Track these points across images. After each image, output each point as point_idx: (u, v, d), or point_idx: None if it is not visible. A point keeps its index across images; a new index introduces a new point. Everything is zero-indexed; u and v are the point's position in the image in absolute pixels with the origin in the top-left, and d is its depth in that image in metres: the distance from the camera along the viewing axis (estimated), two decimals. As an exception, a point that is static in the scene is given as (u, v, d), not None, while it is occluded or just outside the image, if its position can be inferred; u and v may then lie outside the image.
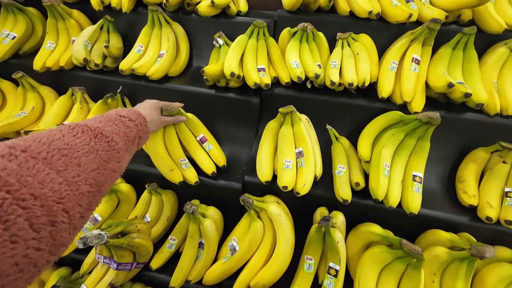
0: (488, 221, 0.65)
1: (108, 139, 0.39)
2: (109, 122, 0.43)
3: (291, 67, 0.77)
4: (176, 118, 0.71)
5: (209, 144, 0.78)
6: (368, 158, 0.72)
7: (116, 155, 0.39)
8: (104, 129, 0.40)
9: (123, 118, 0.46)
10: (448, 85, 0.67)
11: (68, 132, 0.35)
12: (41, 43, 0.96)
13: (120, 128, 0.44)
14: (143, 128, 0.51)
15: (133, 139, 0.46)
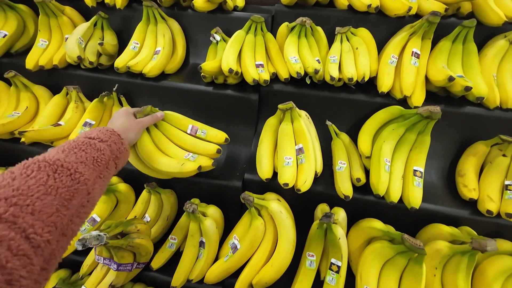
0: (489, 214, 0.65)
1: (70, 172, 0.35)
2: (75, 149, 0.39)
3: (290, 63, 0.76)
4: (154, 116, 0.64)
5: (203, 130, 0.72)
6: (369, 154, 0.72)
7: (82, 188, 0.35)
8: (66, 161, 0.36)
9: (92, 141, 0.43)
10: (449, 79, 0.66)
11: (21, 174, 0.31)
12: (33, 41, 0.93)
13: (88, 154, 0.40)
14: (118, 147, 0.47)
15: (107, 163, 0.43)
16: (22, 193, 0.29)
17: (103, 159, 0.42)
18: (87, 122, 0.83)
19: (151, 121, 0.63)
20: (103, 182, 0.42)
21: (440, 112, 0.63)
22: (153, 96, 0.90)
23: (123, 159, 0.49)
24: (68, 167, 0.35)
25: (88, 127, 0.83)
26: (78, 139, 0.42)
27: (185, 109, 0.90)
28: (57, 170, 0.34)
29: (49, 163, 0.34)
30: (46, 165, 0.34)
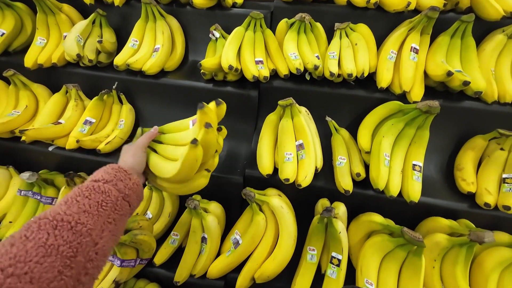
0: (486, 207, 0.66)
1: (71, 225, 0.32)
2: (77, 198, 0.37)
3: (290, 59, 0.76)
4: (147, 134, 0.57)
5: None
6: (368, 149, 0.72)
7: (86, 240, 0.33)
8: (67, 213, 0.34)
9: (96, 184, 0.40)
10: (447, 74, 0.67)
11: (20, 237, 0.29)
12: (31, 40, 0.93)
13: (92, 200, 0.38)
14: (126, 183, 0.43)
15: (114, 204, 0.40)
16: (20, 260, 0.27)
17: (109, 201, 0.39)
18: (87, 120, 0.83)
19: (146, 139, 0.56)
20: (114, 227, 0.39)
21: (439, 107, 0.63)
22: (152, 94, 0.90)
23: (136, 195, 0.45)
24: (68, 219, 0.33)
25: (88, 125, 0.83)
26: (83, 185, 0.40)
27: (185, 106, 0.90)
28: (57, 225, 0.32)
29: (49, 219, 0.32)
30: (46, 222, 0.32)
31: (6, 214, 0.81)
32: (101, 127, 0.87)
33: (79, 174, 0.80)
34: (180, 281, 0.67)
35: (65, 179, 0.76)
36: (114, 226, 0.39)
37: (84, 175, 0.83)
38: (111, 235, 0.38)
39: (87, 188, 0.39)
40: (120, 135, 0.84)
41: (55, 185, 0.84)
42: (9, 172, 0.89)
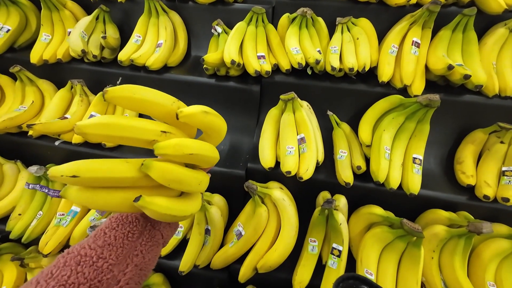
0: (486, 199, 0.67)
1: (93, 260, 0.30)
2: (106, 229, 0.34)
3: (291, 53, 0.77)
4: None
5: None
6: (369, 142, 0.73)
7: (107, 277, 0.30)
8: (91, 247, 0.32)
9: (123, 214, 0.37)
10: (448, 67, 0.67)
11: (46, 275, 0.28)
12: (36, 36, 0.94)
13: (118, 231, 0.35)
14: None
15: (141, 234, 0.36)
16: None
17: (135, 231, 0.35)
18: (92, 115, 0.85)
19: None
20: (141, 260, 0.35)
21: (439, 100, 0.64)
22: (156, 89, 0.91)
23: (168, 224, 0.41)
24: (91, 254, 0.31)
25: (93, 120, 0.84)
26: (114, 215, 0.38)
27: (188, 101, 0.90)
28: (81, 261, 0.30)
29: (75, 253, 0.31)
30: (72, 257, 0.30)
31: (15, 206, 0.84)
32: (106, 122, 0.88)
33: (85, 167, 0.82)
34: (184, 271, 0.69)
35: (71, 172, 0.78)
36: (142, 259, 0.35)
37: (90, 169, 0.84)
38: (137, 270, 0.34)
39: (117, 218, 0.37)
40: (124, 130, 0.85)
41: (61, 178, 0.86)
42: (17, 166, 0.91)
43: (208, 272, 0.73)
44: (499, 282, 0.62)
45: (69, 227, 0.75)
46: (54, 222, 0.76)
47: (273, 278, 0.71)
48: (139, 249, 0.35)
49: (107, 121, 0.33)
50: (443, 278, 0.63)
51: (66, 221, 0.75)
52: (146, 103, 0.37)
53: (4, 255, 0.81)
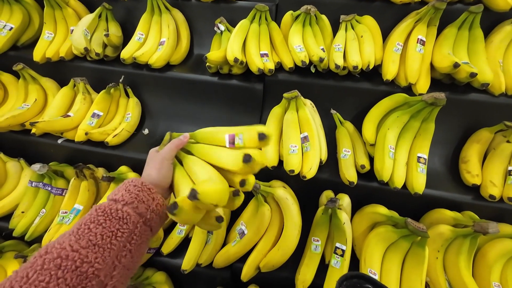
0: (491, 199, 0.66)
1: (76, 264, 0.28)
2: (91, 224, 0.32)
3: (295, 51, 0.76)
4: (174, 142, 0.47)
5: (239, 135, 0.47)
6: (373, 141, 0.73)
7: (92, 284, 0.28)
8: (74, 248, 0.29)
9: (115, 205, 0.35)
10: (454, 65, 0.67)
11: (22, 278, 0.26)
12: (38, 34, 0.94)
13: (106, 228, 0.32)
14: (148, 204, 0.38)
15: (132, 232, 0.34)
16: None
17: (125, 229, 0.33)
18: (95, 113, 0.85)
19: (173, 149, 0.46)
20: (129, 260, 0.33)
21: (445, 99, 0.63)
22: (158, 87, 0.91)
23: (159, 218, 0.39)
24: (74, 257, 0.28)
25: (96, 118, 0.84)
26: (100, 206, 0.35)
27: (191, 99, 0.91)
28: (62, 265, 0.27)
29: (55, 255, 0.28)
30: (51, 259, 0.27)
31: (18, 204, 0.84)
32: (109, 120, 0.89)
33: (88, 166, 0.82)
34: (187, 270, 0.69)
35: (74, 170, 0.78)
36: (130, 258, 0.33)
37: (93, 167, 0.84)
38: (124, 270, 0.32)
39: (104, 211, 0.34)
40: (127, 128, 0.85)
41: (64, 176, 0.86)
42: (20, 164, 0.91)
43: (211, 270, 0.72)
44: (504, 283, 0.61)
45: (72, 225, 0.75)
46: (57, 220, 0.76)
47: (275, 277, 0.70)
48: (128, 248, 0.33)
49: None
50: (447, 278, 0.63)
51: (69, 219, 0.75)
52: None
53: (7, 253, 0.81)
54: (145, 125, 0.93)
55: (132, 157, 0.83)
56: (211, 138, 0.50)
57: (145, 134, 0.91)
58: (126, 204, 0.36)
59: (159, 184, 0.43)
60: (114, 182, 0.75)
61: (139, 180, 0.40)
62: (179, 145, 0.48)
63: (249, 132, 0.46)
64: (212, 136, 0.50)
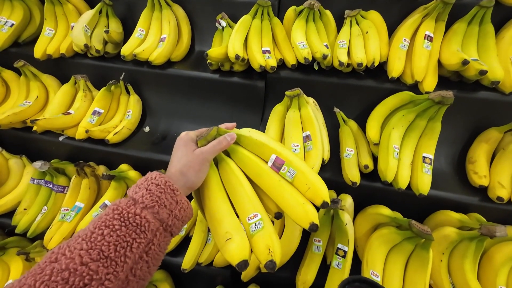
0: (499, 201, 0.65)
1: (84, 282, 0.26)
2: (105, 230, 0.29)
3: (298, 48, 0.74)
4: (220, 141, 0.42)
5: (290, 169, 0.43)
6: (377, 141, 0.71)
7: None
8: (84, 261, 0.26)
9: (133, 209, 0.31)
10: (463, 62, 0.64)
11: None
12: (39, 30, 0.94)
13: (120, 237, 0.29)
14: (171, 209, 0.34)
15: (150, 242, 0.31)
16: None
17: (143, 239, 0.30)
18: (96, 110, 0.84)
19: (217, 149, 0.41)
20: (145, 271, 0.31)
21: (453, 97, 0.61)
22: (159, 84, 0.90)
23: (182, 222, 0.36)
24: (83, 273, 0.26)
25: (97, 116, 0.84)
26: (117, 207, 0.32)
27: (192, 97, 0.90)
28: (69, 279, 0.25)
29: (63, 266, 0.26)
30: (58, 271, 0.25)
31: (20, 201, 0.84)
32: (109, 117, 0.88)
33: (88, 163, 0.82)
34: (187, 269, 0.68)
35: (75, 168, 0.78)
36: (146, 269, 0.30)
37: (94, 165, 0.84)
38: (139, 282, 0.30)
39: (121, 214, 0.31)
40: (127, 126, 0.85)
41: (66, 174, 0.86)
42: (22, 161, 0.92)
43: (211, 269, 0.72)
44: (511, 287, 0.60)
45: (73, 223, 0.75)
46: (59, 217, 0.77)
47: (276, 277, 0.70)
48: (145, 259, 0.30)
49: None
50: (452, 282, 0.62)
51: (70, 216, 0.76)
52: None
53: (10, 249, 0.82)
54: (146, 123, 0.93)
55: (133, 155, 0.83)
56: (256, 148, 0.45)
57: (146, 131, 0.91)
58: (146, 208, 0.32)
59: (193, 187, 0.39)
60: (114, 180, 0.75)
61: (162, 177, 0.35)
62: (225, 147, 0.43)
63: (309, 184, 0.42)
64: (257, 146, 0.45)
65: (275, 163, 0.44)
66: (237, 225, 0.40)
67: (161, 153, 0.81)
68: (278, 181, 0.43)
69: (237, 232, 0.39)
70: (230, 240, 0.38)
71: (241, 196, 0.42)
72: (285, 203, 0.42)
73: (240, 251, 0.37)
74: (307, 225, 0.41)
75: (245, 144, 0.46)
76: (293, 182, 0.43)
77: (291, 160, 0.44)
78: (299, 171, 0.43)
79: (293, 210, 0.41)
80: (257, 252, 0.39)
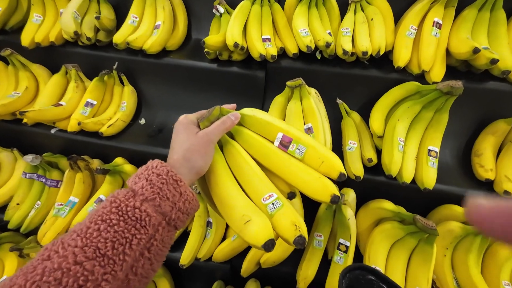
0: (506, 195, 0.63)
1: (79, 283, 0.23)
2: (102, 225, 0.27)
3: (300, 36, 0.71)
4: (224, 121, 0.39)
5: (299, 146, 0.40)
6: (381, 133, 0.68)
7: None
8: (78, 259, 0.24)
9: (132, 201, 0.29)
10: (473, 51, 0.61)
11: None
12: (27, 17, 0.89)
13: (119, 233, 0.27)
14: (174, 201, 0.31)
15: (151, 237, 0.28)
16: None
17: (143, 235, 0.28)
18: (88, 102, 0.81)
19: (222, 129, 0.38)
20: (147, 268, 0.28)
21: (462, 88, 0.58)
22: (154, 74, 0.87)
23: (187, 214, 0.33)
24: (77, 273, 0.24)
25: (90, 107, 0.81)
26: (116, 198, 0.29)
27: (189, 87, 0.86)
28: (62, 280, 0.23)
29: (55, 265, 0.24)
30: (51, 270, 0.23)
31: (13, 196, 0.82)
32: (103, 109, 0.85)
33: (82, 157, 0.79)
34: (185, 265, 0.67)
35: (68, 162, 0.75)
36: (149, 266, 0.28)
37: (88, 158, 0.82)
38: (141, 280, 0.28)
39: (119, 207, 0.28)
40: (122, 118, 0.81)
41: (59, 168, 0.83)
42: (14, 154, 0.89)
43: (210, 264, 0.71)
44: (515, 281, 0.59)
45: (67, 218, 0.73)
46: (53, 212, 0.75)
47: (276, 272, 0.69)
48: (146, 256, 0.28)
49: None
50: (455, 276, 0.61)
51: (64, 211, 0.73)
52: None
53: (4, 244, 0.80)
54: (141, 115, 0.90)
55: (128, 148, 0.80)
56: (261, 128, 0.42)
57: (141, 124, 0.87)
58: (146, 201, 0.30)
59: (200, 173, 0.35)
60: (109, 174, 0.73)
61: (164, 166, 0.32)
62: (230, 127, 0.39)
63: (322, 158, 0.40)
64: (262, 126, 0.42)
65: (282, 141, 0.41)
66: (252, 206, 0.37)
67: (158, 146, 0.79)
68: (288, 159, 0.40)
69: (255, 214, 0.36)
70: (250, 222, 0.35)
71: (252, 178, 0.39)
72: (299, 180, 0.39)
73: (264, 231, 0.34)
74: (328, 198, 0.39)
75: (249, 124, 0.43)
76: (304, 159, 0.40)
77: (299, 137, 0.41)
78: (309, 146, 0.41)
79: (309, 186, 0.39)
80: (283, 230, 0.36)
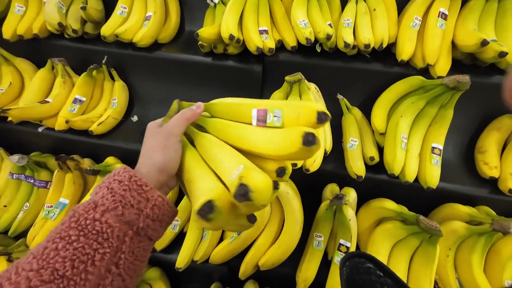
0: (511, 193, 0.61)
1: None
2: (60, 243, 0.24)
3: (299, 27, 0.67)
4: (185, 113, 0.36)
5: (275, 111, 0.35)
6: (383, 130, 0.66)
7: None
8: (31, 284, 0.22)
9: (92, 214, 0.26)
10: (482, 43, 0.58)
11: None
12: (9, 7, 0.83)
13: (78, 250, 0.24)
14: (140, 207, 0.28)
15: (117, 250, 0.26)
16: None
17: (108, 249, 0.25)
18: (76, 98, 0.77)
19: (181, 120, 0.35)
20: (119, 283, 0.26)
21: (469, 82, 0.56)
22: (146, 69, 0.83)
23: (159, 222, 0.30)
24: None
25: (78, 104, 0.77)
26: (75, 212, 0.27)
27: (183, 82, 0.82)
28: None
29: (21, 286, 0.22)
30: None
31: (0, 197, 0.78)
32: (93, 106, 0.81)
33: (71, 156, 0.76)
34: (181, 268, 0.65)
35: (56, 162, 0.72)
36: (121, 283, 0.26)
37: (78, 158, 0.78)
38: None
39: (78, 221, 0.26)
40: (113, 115, 0.78)
41: (48, 168, 0.80)
42: (0, 154, 0.85)
43: (208, 265, 0.69)
44: (517, 281, 0.58)
45: (57, 220, 0.70)
46: (42, 214, 0.71)
47: (275, 273, 0.67)
48: (115, 272, 0.25)
49: None
50: (458, 277, 0.59)
51: (54, 214, 0.70)
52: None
53: (-7, 248, 0.77)
54: (133, 111, 0.86)
55: (120, 147, 0.77)
56: (232, 113, 0.38)
57: (134, 121, 0.84)
58: (107, 211, 0.27)
59: (164, 169, 0.32)
60: (100, 175, 0.69)
61: (127, 172, 0.29)
62: (191, 117, 0.36)
63: (297, 110, 0.33)
64: (233, 110, 0.38)
65: (258, 117, 0.36)
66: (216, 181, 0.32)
67: (151, 145, 0.75)
68: (265, 130, 0.35)
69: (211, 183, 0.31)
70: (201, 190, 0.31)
71: (222, 160, 0.33)
72: (279, 140, 0.32)
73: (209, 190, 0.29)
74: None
75: (220, 112, 0.39)
76: (284, 124, 0.34)
77: (272, 103, 0.36)
78: (283, 106, 0.35)
79: (288, 138, 0.31)
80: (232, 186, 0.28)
